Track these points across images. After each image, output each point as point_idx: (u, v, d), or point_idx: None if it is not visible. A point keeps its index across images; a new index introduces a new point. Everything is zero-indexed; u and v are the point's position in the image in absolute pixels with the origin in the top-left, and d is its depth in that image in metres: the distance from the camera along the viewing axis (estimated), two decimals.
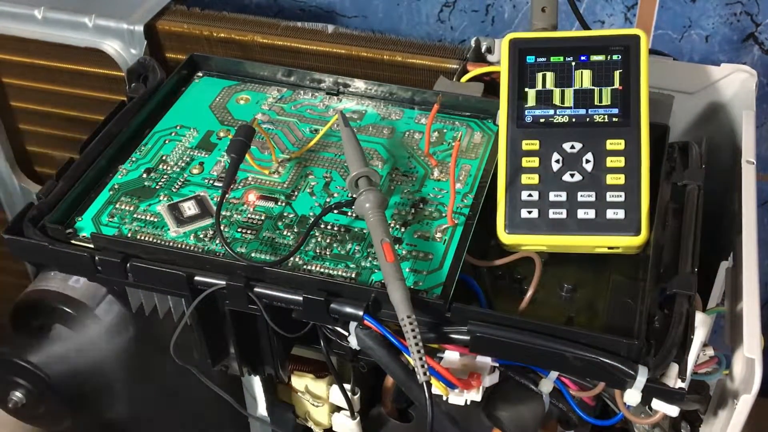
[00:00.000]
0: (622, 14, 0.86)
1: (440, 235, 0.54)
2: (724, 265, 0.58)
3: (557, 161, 0.55)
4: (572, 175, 0.54)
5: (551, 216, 0.54)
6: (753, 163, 0.58)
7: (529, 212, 0.54)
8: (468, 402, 0.53)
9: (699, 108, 0.67)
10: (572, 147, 0.55)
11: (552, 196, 0.54)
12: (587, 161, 0.54)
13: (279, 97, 0.66)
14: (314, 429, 0.69)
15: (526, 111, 0.56)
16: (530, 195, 0.54)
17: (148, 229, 0.55)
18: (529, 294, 0.52)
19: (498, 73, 0.59)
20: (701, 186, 0.57)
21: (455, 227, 0.55)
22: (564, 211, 0.53)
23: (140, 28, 0.73)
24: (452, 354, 0.51)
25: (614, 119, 0.55)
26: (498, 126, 0.58)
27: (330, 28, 0.72)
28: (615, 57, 0.56)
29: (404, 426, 0.65)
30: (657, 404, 0.48)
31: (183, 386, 0.64)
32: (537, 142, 0.55)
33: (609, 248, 0.54)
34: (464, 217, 0.55)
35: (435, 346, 0.51)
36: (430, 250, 0.53)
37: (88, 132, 0.62)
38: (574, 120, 0.56)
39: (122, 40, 0.74)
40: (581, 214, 0.53)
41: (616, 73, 0.56)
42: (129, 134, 0.62)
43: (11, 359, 0.66)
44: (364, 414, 0.65)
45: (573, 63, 0.57)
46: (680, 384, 0.47)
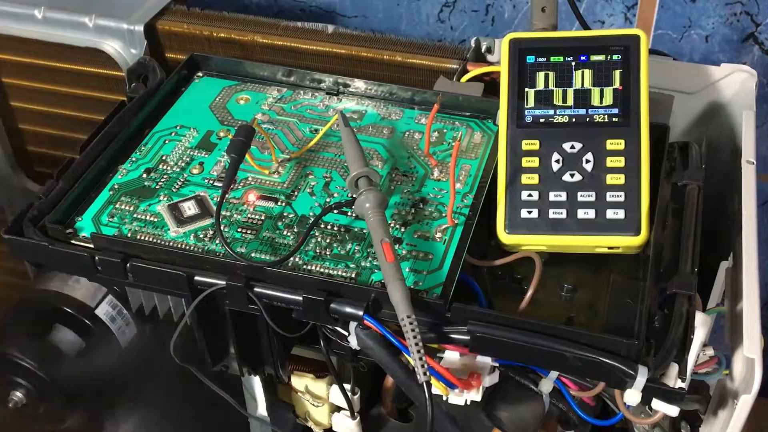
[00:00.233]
0: (622, 14, 0.86)
1: (440, 235, 0.54)
2: (724, 265, 0.58)
3: (557, 161, 0.55)
4: (572, 175, 0.54)
5: (551, 216, 0.53)
6: (753, 163, 0.58)
7: (529, 212, 0.54)
8: (468, 402, 0.53)
9: (699, 108, 0.67)
10: (572, 147, 0.55)
11: (552, 196, 0.54)
12: (587, 161, 0.54)
13: (279, 97, 0.66)
14: (314, 429, 0.69)
15: (526, 111, 0.56)
16: (530, 195, 0.54)
17: (148, 229, 0.55)
18: (529, 294, 0.52)
19: (498, 73, 0.59)
20: (701, 186, 0.57)
21: (455, 227, 0.55)
22: (564, 211, 0.53)
23: (140, 28, 0.73)
24: (452, 354, 0.51)
25: (614, 119, 0.55)
26: (498, 126, 0.58)
27: (330, 28, 0.72)
28: (615, 57, 0.56)
29: (404, 426, 0.65)
30: (657, 404, 0.48)
31: (183, 386, 0.64)
32: (537, 142, 0.55)
33: (609, 248, 0.54)
34: (464, 217, 0.55)
35: (435, 346, 0.51)
36: (430, 250, 0.53)
37: (88, 132, 0.62)
38: (574, 120, 0.56)
39: (122, 40, 0.74)
40: (581, 214, 0.53)
41: (616, 73, 0.56)
42: (129, 134, 0.62)
43: (11, 359, 0.66)
44: (364, 414, 0.65)
45: (573, 63, 0.57)
46: (680, 384, 0.47)
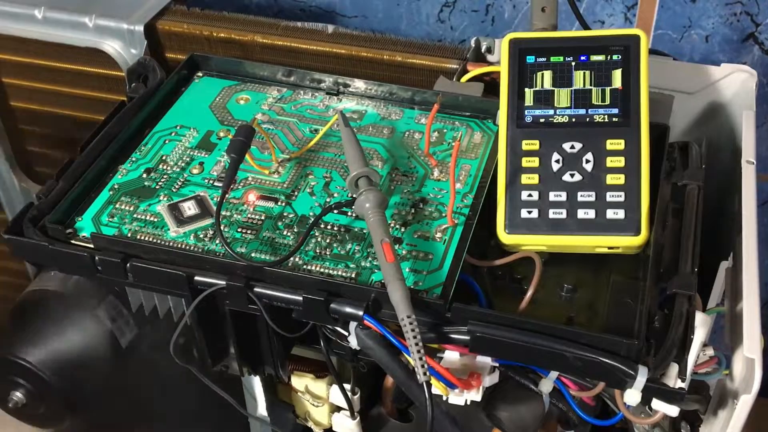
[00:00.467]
0: (622, 14, 0.86)
1: (440, 235, 0.54)
2: (724, 265, 0.58)
3: (557, 161, 0.55)
4: (572, 175, 0.54)
5: (551, 216, 0.54)
6: (753, 163, 0.58)
7: (529, 212, 0.54)
8: (468, 402, 0.53)
9: (699, 108, 0.67)
10: (572, 147, 0.55)
11: (552, 196, 0.54)
12: (587, 161, 0.54)
13: (279, 97, 0.66)
14: (314, 429, 0.69)
15: (526, 111, 0.56)
16: (530, 195, 0.54)
17: (148, 229, 0.55)
18: (529, 294, 0.52)
19: (498, 73, 0.59)
20: (701, 186, 0.57)
21: (455, 227, 0.55)
22: (564, 211, 0.53)
23: (140, 28, 0.73)
24: (452, 354, 0.51)
25: (614, 119, 0.55)
26: (498, 126, 0.58)
27: (330, 28, 0.72)
28: (615, 57, 0.56)
29: (404, 426, 0.65)
30: (657, 404, 0.48)
31: (183, 386, 0.64)
32: (537, 142, 0.55)
33: (609, 248, 0.54)
34: (464, 217, 0.55)
35: (435, 346, 0.51)
36: (430, 250, 0.53)
37: (88, 132, 0.62)
38: (574, 120, 0.56)
39: (122, 40, 0.74)
40: (581, 214, 0.53)
41: (616, 73, 0.56)
42: (129, 134, 0.62)
43: (11, 359, 0.66)
44: (364, 414, 0.65)
45: (573, 63, 0.57)
46: (680, 384, 0.47)
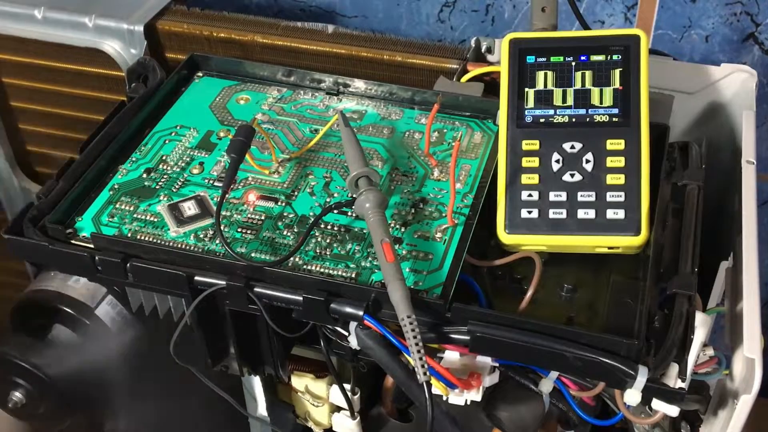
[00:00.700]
0: (622, 14, 0.86)
1: (440, 235, 0.54)
2: (724, 265, 0.58)
3: (557, 161, 0.55)
4: (572, 175, 0.54)
5: (551, 216, 0.54)
6: (753, 163, 0.58)
7: (529, 212, 0.54)
8: (468, 402, 0.53)
9: (699, 108, 0.67)
10: (572, 147, 0.55)
11: (552, 196, 0.54)
12: (587, 161, 0.54)
13: (279, 97, 0.66)
14: (314, 429, 0.69)
15: (526, 111, 0.56)
16: (530, 195, 0.54)
17: (148, 229, 0.55)
18: (529, 294, 0.52)
19: (498, 73, 0.59)
20: (701, 186, 0.57)
21: (455, 227, 0.55)
22: (564, 211, 0.53)
23: (140, 28, 0.73)
24: (452, 354, 0.51)
25: (614, 119, 0.55)
26: (498, 126, 0.58)
27: (330, 28, 0.72)
28: (615, 57, 0.56)
29: (404, 426, 0.65)
30: (657, 404, 0.48)
31: (183, 386, 0.64)
32: (537, 142, 0.55)
33: (609, 248, 0.54)
34: (464, 217, 0.55)
35: (435, 346, 0.51)
36: (430, 250, 0.53)
37: (88, 132, 0.62)
38: (574, 120, 0.56)
39: (122, 40, 0.74)
40: (581, 214, 0.53)
41: (616, 73, 0.56)
42: (129, 134, 0.62)
43: (11, 359, 0.66)
44: (364, 414, 0.65)
45: (573, 63, 0.57)
46: (680, 384, 0.47)
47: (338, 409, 0.66)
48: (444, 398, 0.52)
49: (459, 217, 0.55)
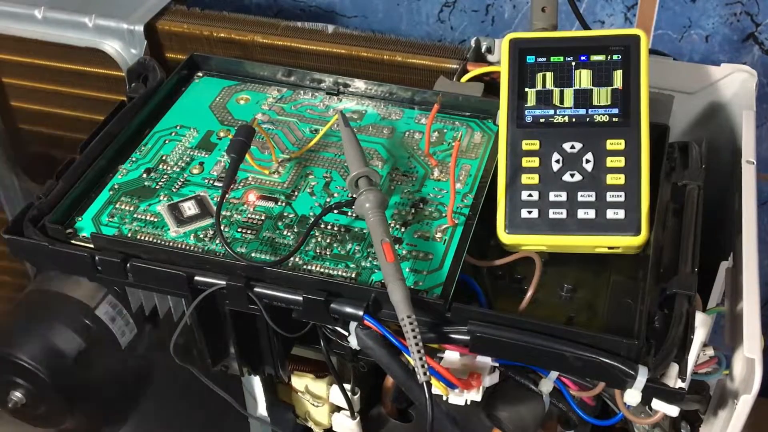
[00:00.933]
0: (622, 14, 0.86)
1: (440, 235, 0.54)
2: (724, 265, 0.58)
3: (557, 161, 0.55)
4: (572, 175, 0.54)
5: (551, 216, 0.53)
6: (753, 163, 0.58)
7: (529, 212, 0.54)
8: (468, 402, 0.53)
9: (699, 108, 0.67)
10: (572, 147, 0.55)
11: (552, 196, 0.54)
12: (587, 161, 0.54)
13: (279, 97, 0.66)
14: (314, 429, 0.69)
15: (526, 111, 0.56)
16: (530, 195, 0.54)
17: (148, 229, 0.55)
18: (529, 294, 0.52)
19: (498, 73, 0.59)
20: (701, 186, 0.57)
21: (455, 227, 0.55)
22: (564, 211, 0.53)
23: (140, 28, 0.73)
24: (452, 354, 0.51)
25: (614, 119, 0.55)
26: (498, 126, 0.58)
27: (330, 28, 0.72)
28: (615, 57, 0.56)
29: (404, 426, 0.65)
30: (657, 404, 0.48)
31: (183, 386, 0.64)
32: (537, 142, 0.55)
33: (609, 248, 0.54)
34: (464, 217, 0.55)
35: (435, 346, 0.51)
36: (430, 250, 0.53)
37: (88, 132, 0.62)
38: (574, 120, 0.56)
39: (122, 40, 0.74)
40: (581, 214, 0.53)
41: (616, 73, 0.56)
42: (129, 134, 0.62)
43: (11, 359, 0.66)
44: (364, 414, 0.65)
45: (573, 63, 0.57)
46: (680, 384, 0.47)
47: (338, 409, 0.66)
48: (444, 398, 0.52)
49: (459, 217, 0.55)
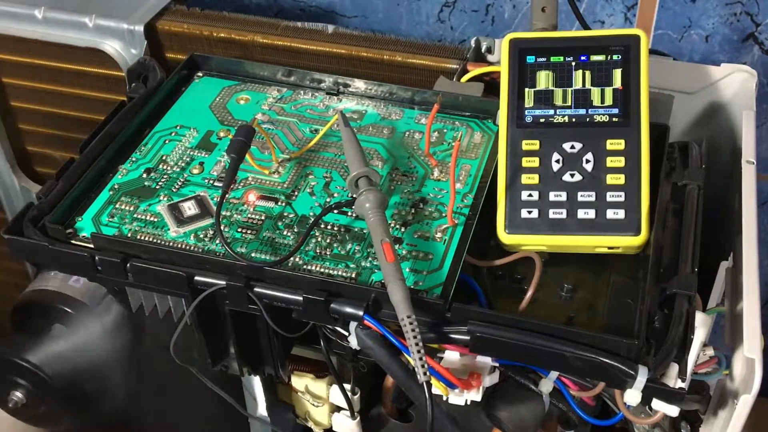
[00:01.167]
0: (622, 14, 0.86)
1: (440, 235, 0.54)
2: (724, 265, 0.58)
3: (557, 161, 0.55)
4: (572, 175, 0.54)
5: (551, 216, 0.54)
6: (753, 163, 0.58)
7: (529, 212, 0.54)
8: (468, 402, 0.53)
9: (699, 108, 0.67)
10: (572, 147, 0.55)
11: (552, 196, 0.54)
12: (587, 161, 0.54)
13: (279, 97, 0.66)
14: (314, 429, 0.69)
15: (526, 111, 0.56)
16: (530, 195, 0.54)
17: (148, 229, 0.55)
18: (529, 294, 0.52)
19: (498, 73, 0.59)
20: (701, 186, 0.57)
21: (455, 227, 0.55)
22: (564, 211, 0.53)
23: (140, 28, 0.73)
24: (452, 354, 0.51)
25: (614, 119, 0.55)
26: (498, 126, 0.58)
27: (330, 28, 0.72)
28: (615, 57, 0.56)
29: (404, 426, 0.65)
30: (657, 404, 0.48)
31: (183, 386, 0.64)
32: (537, 142, 0.55)
33: (609, 248, 0.54)
34: (464, 217, 0.55)
35: (435, 346, 0.51)
36: (430, 250, 0.53)
37: (88, 132, 0.62)
38: (574, 120, 0.56)
39: (122, 40, 0.74)
40: (581, 214, 0.53)
41: (616, 73, 0.56)
42: (129, 134, 0.62)
43: (11, 359, 0.66)
44: (364, 414, 0.65)
45: (573, 63, 0.57)
46: (680, 384, 0.47)
47: (338, 409, 0.66)
48: (444, 398, 0.52)
49: (459, 217, 0.55)
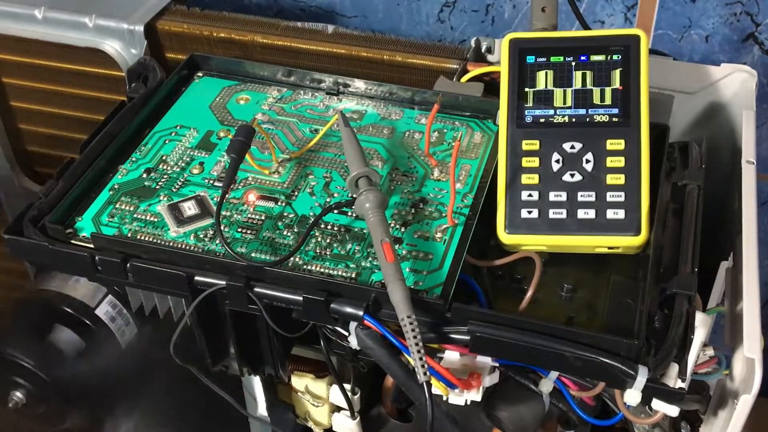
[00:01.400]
0: (622, 14, 0.86)
1: (440, 235, 0.54)
2: (724, 265, 0.58)
3: (557, 161, 0.55)
4: (572, 175, 0.54)
5: (551, 216, 0.53)
6: (753, 163, 0.58)
7: (529, 212, 0.54)
8: (468, 402, 0.53)
9: (699, 108, 0.67)
10: (572, 147, 0.55)
11: (552, 196, 0.54)
12: (587, 161, 0.54)
13: (279, 97, 0.66)
14: (314, 429, 0.69)
15: (526, 111, 0.56)
16: (530, 195, 0.54)
17: (148, 229, 0.55)
18: (529, 294, 0.52)
19: (498, 73, 0.59)
20: (701, 186, 0.57)
21: (455, 227, 0.55)
22: (564, 211, 0.53)
23: (140, 28, 0.73)
24: (452, 354, 0.51)
25: (614, 119, 0.55)
26: (498, 126, 0.58)
27: (330, 28, 0.72)
28: (615, 57, 0.56)
29: (404, 426, 0.65)
30: (657, 404, 0.48)
31: (183, 386, 0.64)
32: (537, 142, 0.55)
33: (609, 248, 0.54)
34: (464, 217, 0.55)
35: (435, 346, 0.51)
36: (430, 250, 0.53)
37: (88, 132, 0.62)
38: (574, 120, 0.56)
39: (122, 40, 0.74)
40: (581, 214, 0.53)
41: (616, 73, 0.56)
42: (129, 134, 0.62)
43: (11, 359, 0.66)
44: (364, 414, 0.65)
45: (573, 63, 0.57)
46: (680, 384, 0.47)
47: (338, 409, 0.66)
48: (444, 398, 0.52)
49: (459, 217, 0.55)
